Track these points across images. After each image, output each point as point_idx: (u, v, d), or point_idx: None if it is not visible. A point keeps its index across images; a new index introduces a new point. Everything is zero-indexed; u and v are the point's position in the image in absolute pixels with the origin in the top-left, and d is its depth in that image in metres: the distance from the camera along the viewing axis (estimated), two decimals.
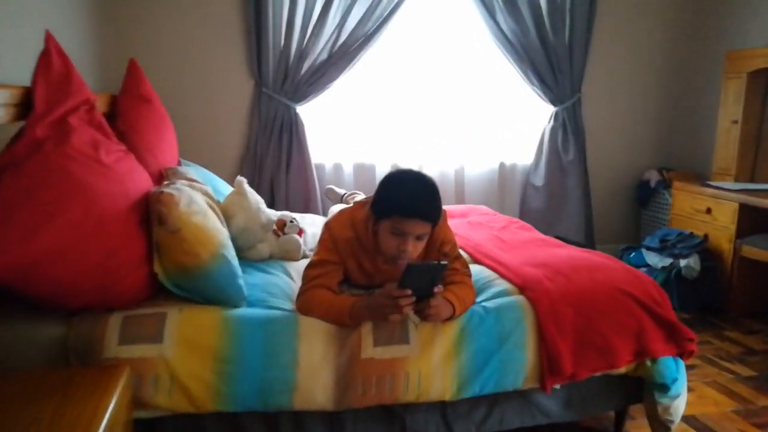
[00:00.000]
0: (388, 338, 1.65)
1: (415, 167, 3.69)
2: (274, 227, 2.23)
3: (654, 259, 3.41)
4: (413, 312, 1.62)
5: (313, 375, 1.58)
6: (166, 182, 1.81)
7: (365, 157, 3.67)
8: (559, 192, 3.85)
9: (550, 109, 3.82)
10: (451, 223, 2.68)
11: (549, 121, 3.84)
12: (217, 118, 3.49)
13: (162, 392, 1.52)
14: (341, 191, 3.13)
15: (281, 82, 3.41)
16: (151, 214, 1.61)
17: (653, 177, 4.03)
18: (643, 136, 4.19)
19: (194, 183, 1.89)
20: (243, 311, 1.66)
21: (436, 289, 1.58)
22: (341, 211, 1.86)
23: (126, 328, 1.54)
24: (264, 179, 3.47)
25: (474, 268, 2.05)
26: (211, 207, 1.85)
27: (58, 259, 1.37)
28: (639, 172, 4.19)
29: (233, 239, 2.03)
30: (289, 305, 1.76)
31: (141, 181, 1.71)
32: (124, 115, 2.36)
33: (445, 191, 3.79)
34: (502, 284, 1.92)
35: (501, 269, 2.00)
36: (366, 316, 1.64)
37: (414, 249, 1.68)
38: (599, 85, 3.99)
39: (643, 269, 3.38)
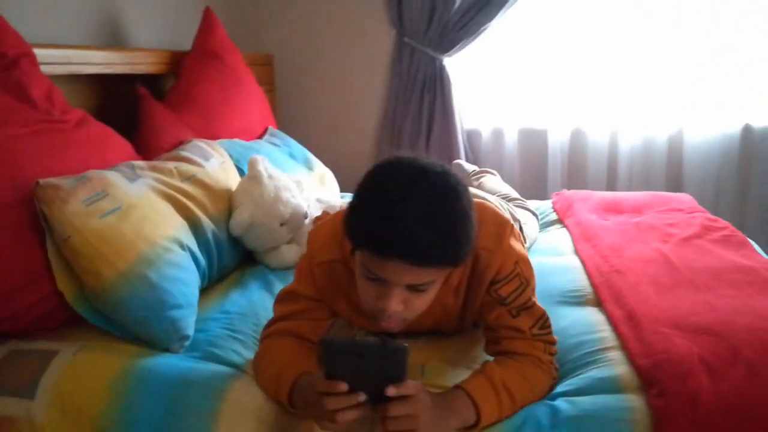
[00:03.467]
0: None
1: (605, 132, 2.72)
2: (318, 222, 1.63)
3: None
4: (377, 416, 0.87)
5: None
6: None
7: (535, 120, 2.82)
8: None
9: None
10: (610, 224, 1.74)
11: None
12: (352, 79, 2.95)
13: None
14: (470, 168, 2.31)
15: (425, 27, 2.72)
16: None
17: None
18: None
19: (162, 165, 1.37)
20: (153, 363, 1.09)
21: (390, 390, 0.81)
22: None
23: None
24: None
25: (586, 317, 1.18)
26: (179, 200, 1.33)
27: None
28: None
29: (240, 239, 1.50)
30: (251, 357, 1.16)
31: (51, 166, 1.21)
32: (185, 75, 2.04)
33: (653, 168, 2.72)
34: (613, 362, 1.02)
35: (625, 330, 1.09)
36: (304, 408, 0.94)
37: (409, 308, 0.92)
38: None
39: None
